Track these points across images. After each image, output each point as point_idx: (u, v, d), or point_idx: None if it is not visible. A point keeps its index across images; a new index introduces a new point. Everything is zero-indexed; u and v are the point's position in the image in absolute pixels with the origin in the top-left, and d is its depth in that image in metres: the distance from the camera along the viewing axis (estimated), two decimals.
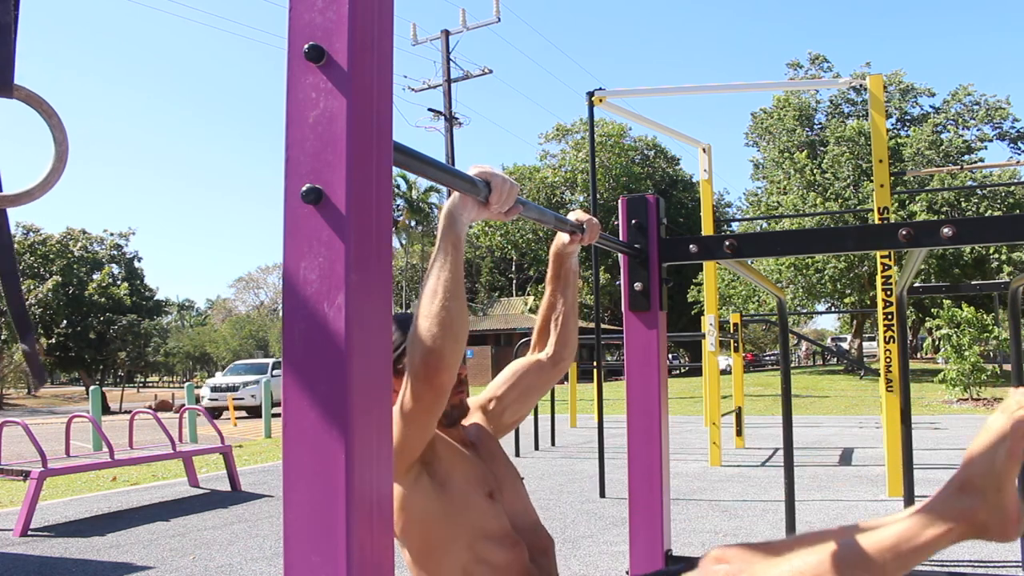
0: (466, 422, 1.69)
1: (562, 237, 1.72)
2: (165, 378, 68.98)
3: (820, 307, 29.37)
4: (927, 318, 26.29)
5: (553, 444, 9.78)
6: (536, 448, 9.36)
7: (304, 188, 0.79)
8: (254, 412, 19.45)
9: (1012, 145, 31.20)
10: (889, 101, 30.09)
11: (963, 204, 26.37)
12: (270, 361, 22.36)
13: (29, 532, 5.23)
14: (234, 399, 18.97)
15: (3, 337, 34.25)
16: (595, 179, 6.59)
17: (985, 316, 16.18)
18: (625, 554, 1.85)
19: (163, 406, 22.70)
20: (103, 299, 36.09)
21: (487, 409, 1.76)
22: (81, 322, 35.25)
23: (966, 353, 15.34)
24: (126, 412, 19.09)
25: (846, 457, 8.23)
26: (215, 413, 17.46)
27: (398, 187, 38.74)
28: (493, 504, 1.54)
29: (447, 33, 26.05)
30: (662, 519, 1.85)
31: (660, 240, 1.90)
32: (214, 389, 20.70)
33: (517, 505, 1.63)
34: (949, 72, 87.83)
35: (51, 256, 36.13)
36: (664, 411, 1.90)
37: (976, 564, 3.97)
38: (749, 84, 14.10)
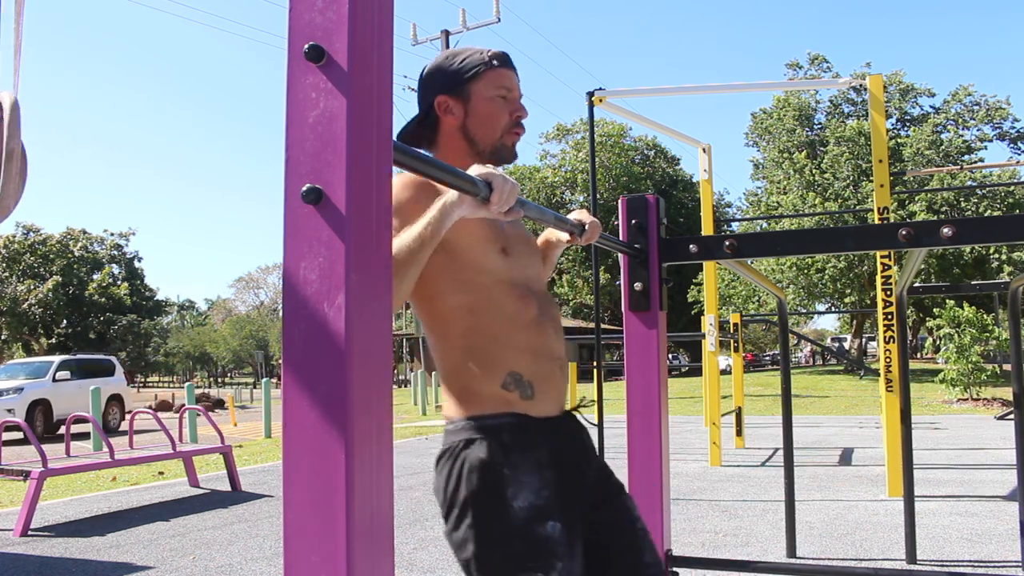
0: None
1: (559, 232, 1.73)
2: (165, 378, 69.02)
3: (820, 307, 29.39)
4: (927, 318, 26.32)
5: None
6: None
7: (304, 188, 0.79)
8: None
9: (1012, 145, 31.22)
10: (889, 101, 30.08)
11: (963, 204, 26.38)
12: (55, 360, 15.52)
13: (29, 532, 5.23)
14: None
15: (3, 337, 34.26)
16: (595, 179, 6.59)
17: (985, 316, 16.18)
18: None
19: (163, 406, 22.64)
20: (103, 299, 36.10)
21: None
22: (81, 322, 35.26)
23: (967, 353, 15.34)
24: (126, 412, 18.91)
25: (846, 457, 8.23)
26: None
27: None
28: (506, 258, 1.55)
29: (447, 33, 26.05)
30: (662, 519, 1.85)
31: (660, 240, 1.90)
32: None
33: (531, 271, 1.63)
34: (949, 72, 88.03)
35: (51, 256, 36.13)
36: (664, 411, 1.90)
37: (976, 564, 3.97)
38: (749, 84, 14.11)
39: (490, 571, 1.40)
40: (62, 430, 13.89)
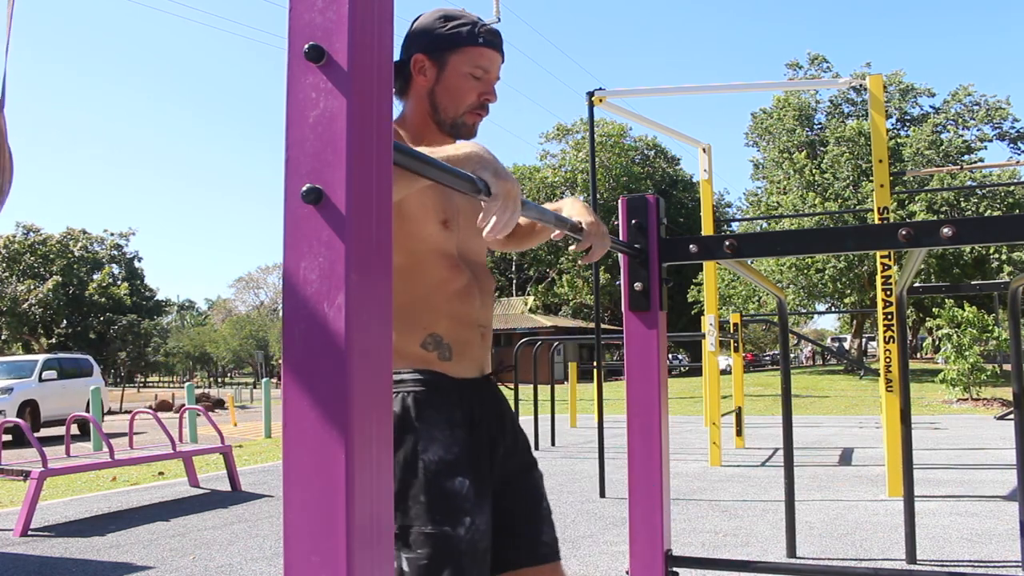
0: None
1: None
2: (165, 378, 69.05)
3: (820, 307, 29.40)
4: (927, 318, 26.32)
5: (553, 444, 9.78)
6: (536, 448, 9.35)
7: (304, 188, 0.79)
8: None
9: (1012, 145, 31.25)
10: (889, 101, 30.09)
11: (963, 204, 26.39)
12: (39, 359, 14.99)
13: (29, 532, 5.23)
14: None
15: (3, 337, 34.26)
16: (595, 179, 6.59)
17: (985, 316, 16.19)
18: (625, 554, 1.84)
19: (163, 406, 22.60)
20: (103, 299, 36.12)
21: None
22: (81, 322, 35.28)
23: (966, 353, 15.34)
24: (126, 412, 18.78)
25: (846, 457, 8.23)
26: None
27: None
28: (446, 231, 1.56)
29: None
30: (662, 519, 1.85)
31: (660, 240, 1.90)
32: None
33: (471, 244, 1.64)
34: (949, 72, 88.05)
35: (51, 256, 36.15)
36: (664, 411, 1.90)
37: (976, 564, 3.97)
38: (749, 84, 14.11)
39: (401, 524, 1.42)
40: (45, 431, 13.98)
